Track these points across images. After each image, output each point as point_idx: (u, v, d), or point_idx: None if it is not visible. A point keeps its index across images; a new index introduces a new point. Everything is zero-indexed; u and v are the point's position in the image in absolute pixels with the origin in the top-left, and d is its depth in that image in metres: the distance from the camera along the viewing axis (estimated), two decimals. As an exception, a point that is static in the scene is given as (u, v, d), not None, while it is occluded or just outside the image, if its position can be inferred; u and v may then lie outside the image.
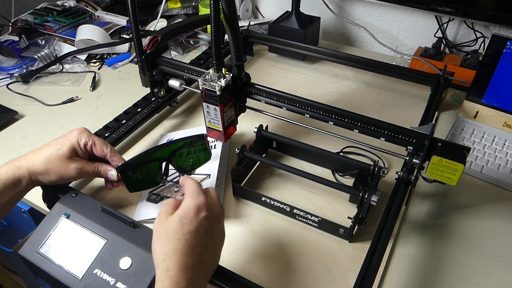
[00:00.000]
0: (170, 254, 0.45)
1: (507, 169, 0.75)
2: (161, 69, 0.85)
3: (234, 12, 0.63)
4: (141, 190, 0.69)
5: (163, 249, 0.46)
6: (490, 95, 0.83)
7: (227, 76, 0.67)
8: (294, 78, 1.05)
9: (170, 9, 1.26)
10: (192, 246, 0.46)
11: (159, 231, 0.47)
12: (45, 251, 0.54)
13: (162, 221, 0.48)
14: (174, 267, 0.45)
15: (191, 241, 0.46)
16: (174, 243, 0.46)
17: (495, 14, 0.86)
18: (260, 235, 0.66)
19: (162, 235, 0.47)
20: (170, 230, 0.47)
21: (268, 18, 1.32)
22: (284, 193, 0.73)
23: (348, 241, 0.64)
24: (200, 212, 0.48)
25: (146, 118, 0.86)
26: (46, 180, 0.59)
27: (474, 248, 0.64)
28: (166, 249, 0.46)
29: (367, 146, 0.71)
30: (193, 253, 0.46)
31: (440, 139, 0.62)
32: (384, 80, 1.02)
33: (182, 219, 0.47)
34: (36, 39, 1.15)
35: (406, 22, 1.12)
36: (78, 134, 0.62)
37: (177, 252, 0.46)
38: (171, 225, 0.47)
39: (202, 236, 0.48)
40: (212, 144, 0.77)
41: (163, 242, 0.47)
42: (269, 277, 0.60)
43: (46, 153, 0.59)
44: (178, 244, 0.46)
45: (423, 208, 0.70)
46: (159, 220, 0.48)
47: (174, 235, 0.46)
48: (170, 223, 0.47)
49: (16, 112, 0.93)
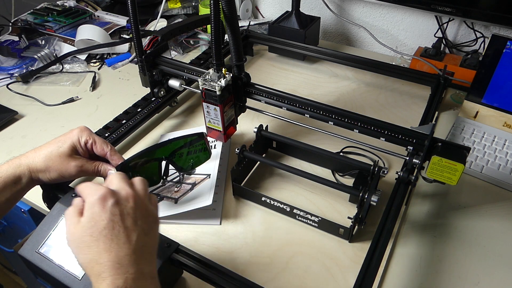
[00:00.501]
0: (96, 259, 0.42)
1: (507, 169, 0.75)
2: (161, 69, 0.85)
3: (234, 12, 0.63)
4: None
5: (86, 257, 0.43)
6: (490, 95, 0.84)
7: (227, 76, 0.67)
8: (294, 78, 1.05)
9: (170, 9, 1.26)
10: (114, 238, 0.43)
11: (75, 242, 0.44)
12: (45, 251, 0.54)
13: (72, 231, 0.45)
14: (106, 269, 0.42)
15: (111, 235, 0.44)
16: (95, 245, 0.43)
17: (495, 14, 0.86)
18: (260, 235, 0.66)
19: (79, 244, 0.44)
20: (85, 235, 0.44)
21: (268, 18, 1.32)
22: (284, 193, 0.73)
23: (348, 241, 0.65)
24: (106, 202, 0.45)
25: (146, 118, 0.86)
26: (46, 177, 0.59)
27: (474, 248, 0.64)
28: (90, 256, 0.43)
29: (367, 146, 0.71)
30: (119, 245, 0.43)
31: (440, 139, 0.62)
32: (384, 80, 1.02)
33: (92, 218, 0.44)
34: (36, 39, 1.15)
35: (406, 22, 1.12)
36: (79, 132, 0.62)
37: (101, 253, 0.43)
38: (83, 230, 0.44)
39: (120, 223, 0.45)
40: (212, 144, 0.77)
41: (83, 251, 0.43)
42: (269, 277, 0.60)
43: (47, 151, 0.59)
44: (100, 244, 0.43)
45: (423, 208, 0.70)
46: (70, 231, 0.45)
47: (90, 239, 0.43)
48: (81, 228, 0.44)
49: (16, 112, 0.93)
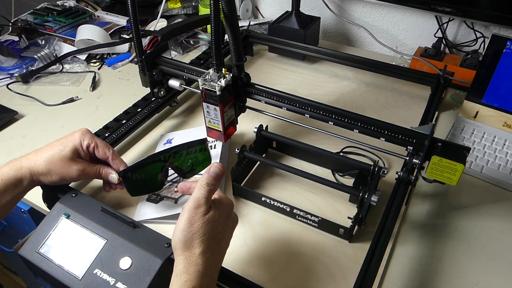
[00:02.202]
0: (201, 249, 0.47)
1: (507, 169, 0.75)
2: (161, 69, 0.85)
3: (234, 12, 0.63)
4: (142, 194, 0.69)
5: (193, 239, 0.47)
6: (490, 95, 0.83)
7: (227, 76, 0.67)
8: (294, 78, 1.05)
9: (170, 9, 1.26)
10: (221, 247, 0.51)
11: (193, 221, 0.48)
12: (45, 251, 0.54)
13: (199, 212, 0.48)
14: (203, 263, 0.46)
15: (221, 242, 0.50)
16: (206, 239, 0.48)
17: (495, 14, 0.86)
18: (260, 235, 0.66)
19: (195, 225, 0.48)
20: (205, 225, 0.48)
21: (268, 18, 1.32)
22: (284, 193, 0.73)
23: (348, 241, 0.64)
24: (230, 214, 0.53)
25: (146, 118, 0.86)
26: (47, 180, 0.59)
27: (474, 248, 0.64)
28: (203, 247, 0.47)
29: (367, 146, 0.71)
30: (220, 254, 0.50)
31: (440, 139, 0.62)
32: (384, 80, 1.02)
33: (218, 217, 0.50)
34: (36, 39, 1.15)
35: (406, 22, 1.12)
36: (81, 135, 0.62)
37: (209, 250, 0.48)
38: (208, 220, 0.48)
39: (227, 236, 0.52)
40: (212, 144, 0.77)
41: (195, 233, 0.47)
42: (269, 277, 0.60)
43: (48, 154, 0.59)
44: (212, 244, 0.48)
45: (423, 208, 0.70)
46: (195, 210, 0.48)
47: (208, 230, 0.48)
48: (207, 218, 0.49)
49: (16, 112, 0.93)
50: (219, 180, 0.51)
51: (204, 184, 0.49)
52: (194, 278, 0.45)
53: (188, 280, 0.45)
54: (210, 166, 0.51)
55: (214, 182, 0.50)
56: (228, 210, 0.52)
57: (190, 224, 0.47)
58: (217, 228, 0.49)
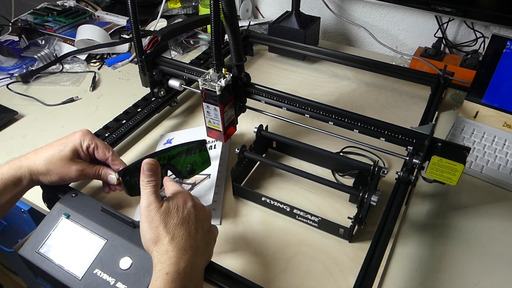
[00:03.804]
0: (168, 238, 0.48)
1: (507, 169, 0.75)
2: (161, 69, 0.85)
3: (234, 12, 0.63)
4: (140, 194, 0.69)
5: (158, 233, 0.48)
6: (490, 95, 0.83)
7: (227, 76, 0.67)
8: (294, 78, 1.05)
9: (170, 9, 1.26)
10: (190, 230, 0.50)
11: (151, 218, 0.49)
12: (45, 251, 0.54)
13: (153, 208, 0.50)
14: (173, 249, 0.47)
15: (186, 226, 0.50)
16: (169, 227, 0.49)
17: (495, 14, 0.86)
18: (260, 235, 0.66)
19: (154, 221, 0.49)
20: (163, 216, 0.49)
21: (268, 18, 1.32)
22: (284, 193, 0.73)
23: (348, 241, 0.64)
24: (187, 202, 0.52)
25: (146, 118, 0.86)
26: (46, 180, 0.59)
27: (474, 248, 0.64)
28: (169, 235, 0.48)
29: (367, 146, 0.71)
30: (189, 237, 0.49)
31: (440, 139, 0.62)
32: (384, 80, 1.02)
33: (173, 207, 0.51)
34: (36, 39, 1.15)
35: (406, 22, 1.12)
36: (81, 136, 0.62)
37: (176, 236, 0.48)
38: (164, 211, 0.50)
39: (193, 222, 0.51)
40: (212, 144, 0.77)
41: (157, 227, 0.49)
42: (269, 277, 0.60)
43: (48, 154, 0.59)
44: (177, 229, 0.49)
45: (423, 208, 0.70)
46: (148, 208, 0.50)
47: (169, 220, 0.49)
48: (163, 210, 0.50)
49: (16, 112, 0.93)
50: (155, 174, 0.53)
51: (145, 183, 0.52)
52: (167, 265, 0.46)
53: (161, 268, 0.46)
54: (143, 165, 0.53)
55: (152, 177, 0.53)
56: (183, 199, 0.52)
57: (150, 221, 0.49)
58: (178, 216, 0.50)
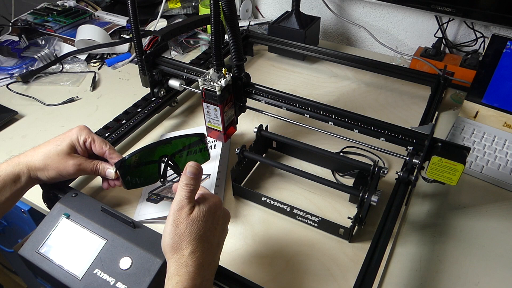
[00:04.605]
0: (189, 250, 0.47)
1: (507, 169, 0.75)
2: (161, 69, 0.85)
3: (234, 12, 0.63)
4: (138, 187, 0.67)
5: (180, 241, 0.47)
6: (490, 95, 0.83)
7: (227, 76, 0.67)
8: (294, 78, 1.05)
9: (170, 9, 1.26)
10: (212, 244, 0.49)
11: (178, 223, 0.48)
12: (45, 251, 0.54)
13: (183, 213, 0.48)
14: (193, 263, 0.46)
15: (210, 239, 0.49)
16: (193, 239, 0.47)
17: (495, 14, 0.86)
18: (260, 235, 0.66)
19: (181, 227, 0.48)
20: (191, 224, 0.48)
21: (268, 18, 1.32)
22: (284, 193, 0.73)
23: (348, 241, 0.65)
24: (217, 211, 0.51)
25: (146, 118, 0.86)
26: (44, 176, 0.59)
27: (474, 248, 0.64)
28: (191, 247, 0.47)
29: (367, 146, 0.71)
30: (210, 252, 0.49)
31: (440, 139, 0.62)
32: (384, 80, 1.02)
33: (203, 214, 0.49)
34: (36, 39, 1.15)
35: (406, 22, 1.12)
36: (78, 131, 0.62)
37: (198, 250, 0.47)
38: (192, 219, 0.48)
39: (217, 235, 0.50)
40: (212, 144, 0.77)
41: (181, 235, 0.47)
42: (269, 277, 0.60)
43: (46, 149, 0.60)
44: (200, 243, 0.47)
45: (423, 208, 0.70)
46: (178, 212, 0.48)
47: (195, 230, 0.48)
48: (192, 217, 0.48)
49: (16, 112, 0.93)
50: (197, 179, 0.51)
51: (183, 185, 0.50)
52: (185, 279, 0.45)
53: (179, 281, 0.45)
54: (186, 167, 0.51)
55: (193, 181, 0.50)
56: (215, 207, 0.51)
57: (176, 226, 0.48)
58: (205, 227, 0.49)
